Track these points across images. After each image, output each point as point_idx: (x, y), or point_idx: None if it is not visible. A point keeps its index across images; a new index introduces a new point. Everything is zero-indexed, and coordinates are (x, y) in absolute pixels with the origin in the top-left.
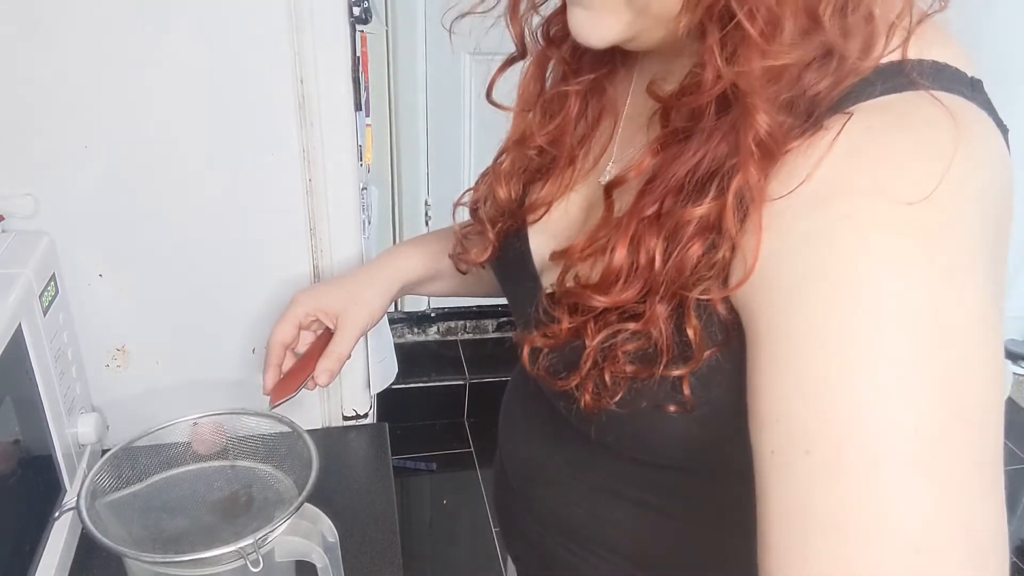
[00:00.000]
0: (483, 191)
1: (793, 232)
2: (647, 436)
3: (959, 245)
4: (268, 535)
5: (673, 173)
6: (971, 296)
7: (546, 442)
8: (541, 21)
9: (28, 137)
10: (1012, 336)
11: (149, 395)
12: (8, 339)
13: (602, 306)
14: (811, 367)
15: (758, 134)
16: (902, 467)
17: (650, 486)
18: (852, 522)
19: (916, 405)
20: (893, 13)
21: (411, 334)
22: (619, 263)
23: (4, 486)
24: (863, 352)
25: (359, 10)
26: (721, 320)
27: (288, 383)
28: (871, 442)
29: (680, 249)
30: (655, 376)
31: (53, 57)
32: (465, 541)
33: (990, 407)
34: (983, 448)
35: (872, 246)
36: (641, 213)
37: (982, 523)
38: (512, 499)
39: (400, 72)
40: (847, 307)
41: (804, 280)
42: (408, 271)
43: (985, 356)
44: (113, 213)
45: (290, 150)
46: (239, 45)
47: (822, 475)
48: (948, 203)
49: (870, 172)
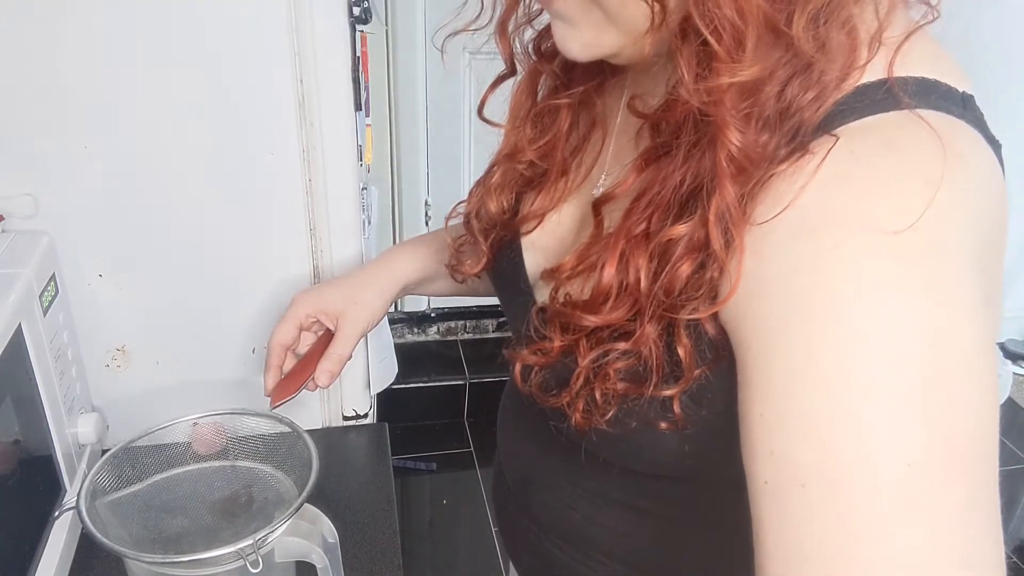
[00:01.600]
0: (475, 203)
1: (779, 260)
2: (638, 452)
3: (949, 273)
4: (268, 536)
5: (658, 191)
6: (963, 325)
7: (541, 447)
8: (533, 36)
9: (28, 137)
10: (1012, 336)
11: (149, 395)
12: (8, 339)
13: (592, 325)
14: (803, 404)
15: (730, 151)
16: (895, 504)
17: (643, 492)
18: (847, 558)
19: (908, 440)
20: (877, 27)
21: (411, 334)
22: (608, 282)
23: (4, 486)
24: (855, 388)
25: (359, 10)
26: (711, 339)
27: (289, 384)
28: (865, 478)
29: (669, 268)
30: (645, 395)
31: (53, 57)
32: (465, 541)
33: (983, 437)
34: (977, 479)
35: (859, 278)
36: (629, 232)
37: (978, 556)
38: (510, 501)
39: (400, 72)
40: (836, 343)
41: (792, 313)
42: (408, 272)
43: (978, 385)
44: (113, 213)
45: (290, 150)
46: (239, 45)
47: (817, 510)
48: (936, 229)
49: (854, 201)
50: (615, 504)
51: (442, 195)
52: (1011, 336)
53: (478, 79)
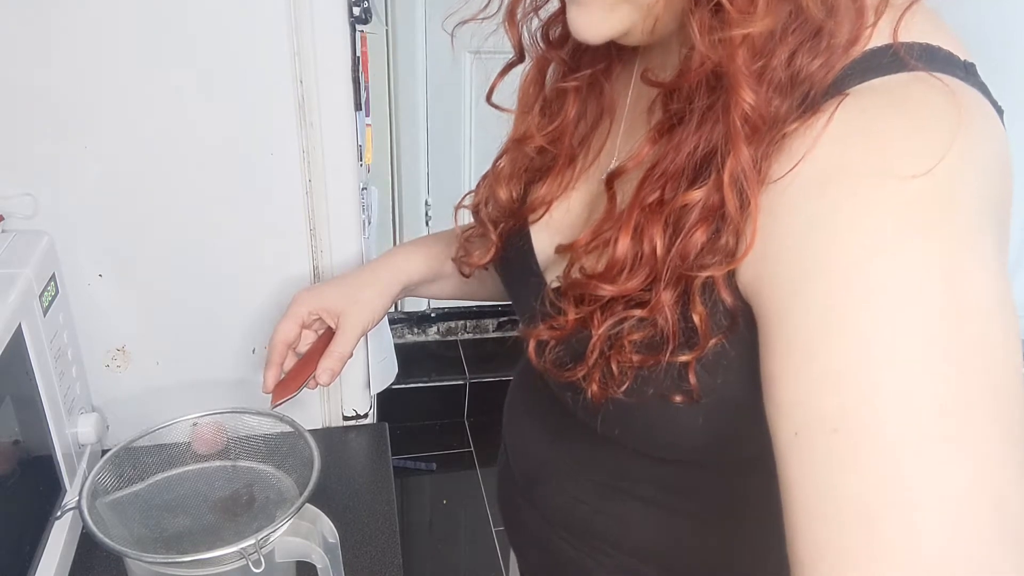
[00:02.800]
0: (483, 193)
1: (796, 215)
2: (653, 427)
3: (966, 219)
4: (271, 535)
5: (671, 159)
6: (981, 269)
7: (551, 439)
8: (540, 24)
9: (28, 137)
10: None
11: (149, 395)
12: (8, 339)
13: (608, 295)
14: (830, 355)
15: (743, 110)
16: (930, 445)
17: (655, 482)
18: (883, 503)
19: (939, 383)
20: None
21: (411, 334)
22: (623, 252)
23: (4, 486)
24: (881, 336)
25: (359, 10)
26: (727, 308)
27: (289, 383)
28: (897, 421)
29: (684, 235)
30: (661, 363)
31: (53, 57)
32: (465, 541)
33: (1011, 377)
34: (1011, 421)
35: (878, 226)
36: (643, 202)
37: (1016, 497)
38: (517, 495)
39: (400, 72)
40: (859, 292)
41: (813, 266)
42: (410, 271)
43: (1002, 326)
44: (113, 213)
45: (290, 150)
46: (239, 45)
47: (850, 455)
48: (952, 177)
49: (870, 151)
50: (625, 495)
51: (442, 195)
52: None
53: (479, 79)
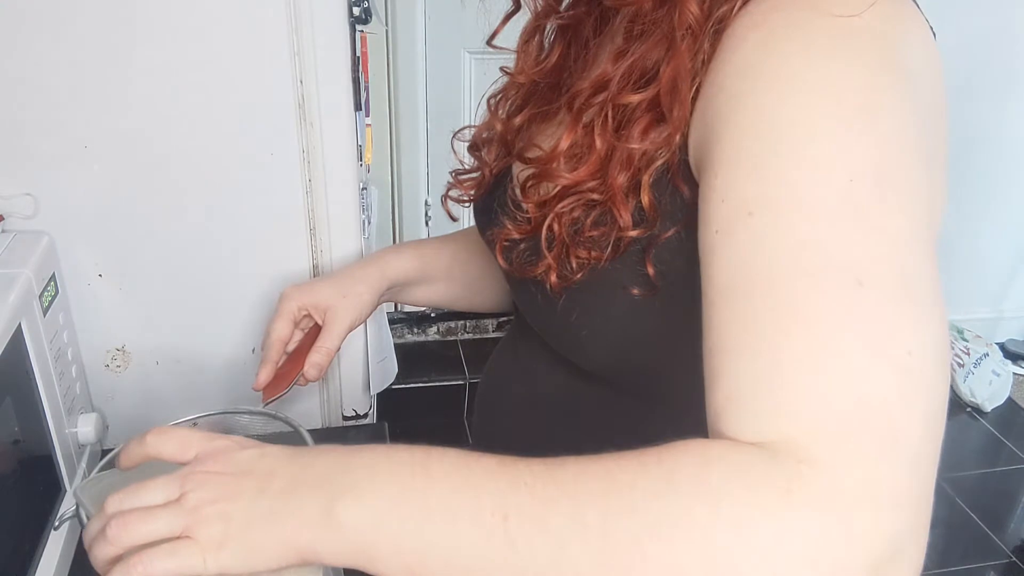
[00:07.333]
0: (481, 127)
1: (733, 57)
2: (605, 315)
3: (891, 58)
4: None
5: (619, 71)
6: (899, 105)
7: (515, 380)
8: None
9: (28, 137)
10: (1012, 336)
11: (149, 395)
12: (8, 339)
13: (563, 183)
14: (750, 150)
15: (686, 21)
16: (839, 211)
17: (593, 404)
18: (794, 266)
19: (849, 160)
20: None
21: (411, 334)
22: (569, 140)
23: (4, 486)
24: (797, 125)
25: (359, 10)
26: (684, 199)
27: (279, 381)
28: (810, 194)
29: (627, 127)
30: (619, 251)
31: (53, 57)
32: None
33: (918, 192)
34: (918, 213)
35: (805, 40)
36: (588, 98)
37: (916, 274)
38: (486, 436)
39: (400, 72)
40: (779, 90)
41: (745, 80)
42: (397, 269)
43: (915, 138)
44: (113, 213)
45: (290, 150)
46: (239, 45)
47: (764, 233)
48: (881, 28)
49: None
50: (573, 416)
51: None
52: (1011, 336)
53: (479, 79)
